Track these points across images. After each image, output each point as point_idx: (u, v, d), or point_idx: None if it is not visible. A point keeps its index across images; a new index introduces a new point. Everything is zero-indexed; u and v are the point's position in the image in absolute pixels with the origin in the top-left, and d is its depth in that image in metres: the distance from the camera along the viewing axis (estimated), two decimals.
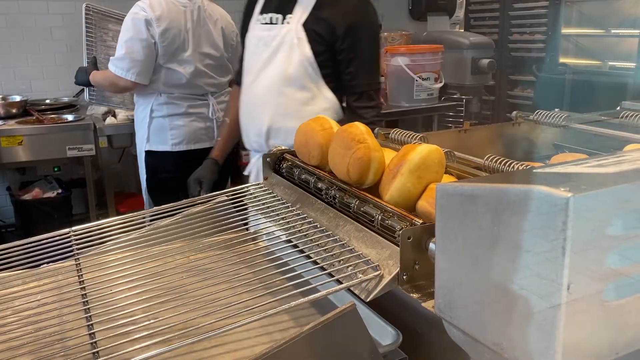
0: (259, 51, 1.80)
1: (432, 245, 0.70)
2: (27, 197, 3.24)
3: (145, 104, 2.36)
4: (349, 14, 1.73)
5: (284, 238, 0.93)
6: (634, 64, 3.60)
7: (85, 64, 2.68)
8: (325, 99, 1.79)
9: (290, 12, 1.75)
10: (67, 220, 3.19)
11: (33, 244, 1.02)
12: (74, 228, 1.07)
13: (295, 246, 0.89)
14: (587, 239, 0.46)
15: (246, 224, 1.01)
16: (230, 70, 2.50)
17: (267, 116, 1.79)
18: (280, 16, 1.77)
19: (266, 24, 1.79)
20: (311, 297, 0.72)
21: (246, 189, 1.14)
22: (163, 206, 1.13)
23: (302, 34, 1.72)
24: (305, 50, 1.72)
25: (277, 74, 1.77)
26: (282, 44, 1.74)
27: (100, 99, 2.95)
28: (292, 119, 1.73)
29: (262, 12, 1.83)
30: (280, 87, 1.77)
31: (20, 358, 0.68)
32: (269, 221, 1.00)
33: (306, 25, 1.72)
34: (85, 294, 0.80)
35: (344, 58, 1.75)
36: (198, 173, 2.05)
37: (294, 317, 0.82)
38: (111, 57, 2.30)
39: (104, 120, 3.07)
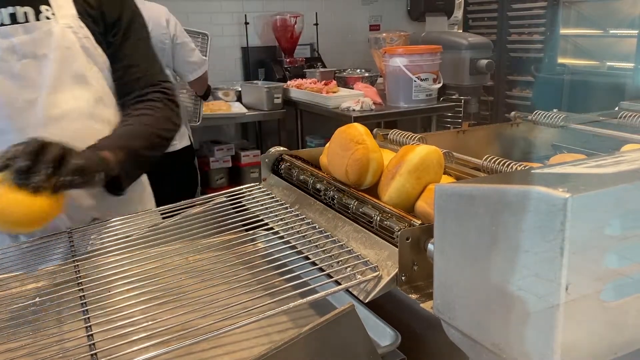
0: (15, 70, 1.11)
1: (430, 246, 0.70)
2: None
3: None
4: None
5: (282, 239, 0.93)
6: (633, 64, 3.61)
7: None
8: (117, 111, 1.28)
9: (46, 3, 1.14)
10: None
11: (31, 245, 1.02)
12: (72, 229, 1.07)
13: (294, 247, 0.89)
14: (585, 239, 0.46)
15: (245, 225, 1.01)
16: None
17: None
18: (29, 9, 1.12)
19: (2, 25, 1.10)
20: (310, 298, 0.72)
21: (245, 190, 1.14)
22: (162, 207, 1.13)
23: (87, 32, 1.18)
24: (100, 52, 1.21)
25: (87, 96, 1.18)
26: (68, 49, 1.15)
27: None
28: None
29: None
30: (100, 115, 1.21)
31: None
32: (268, 222, 1.00)
33: (83, 21, 1.18)
34: (84, 295, 0.80)
35: (118, 51, 1.24)
36: None
37: (293, 318, 0.82)
38: None
39: None
